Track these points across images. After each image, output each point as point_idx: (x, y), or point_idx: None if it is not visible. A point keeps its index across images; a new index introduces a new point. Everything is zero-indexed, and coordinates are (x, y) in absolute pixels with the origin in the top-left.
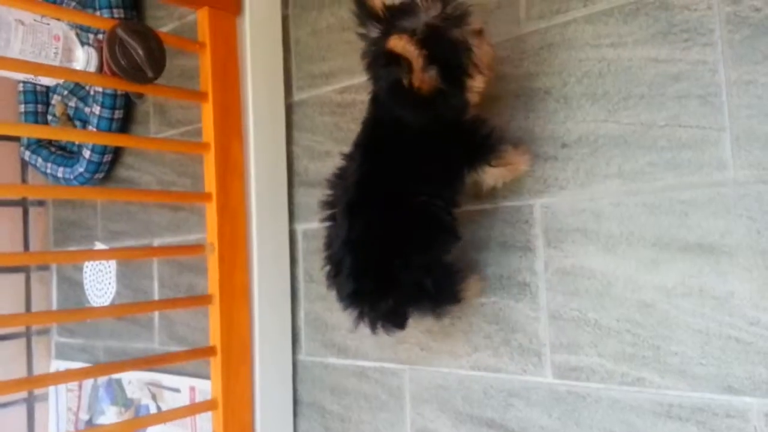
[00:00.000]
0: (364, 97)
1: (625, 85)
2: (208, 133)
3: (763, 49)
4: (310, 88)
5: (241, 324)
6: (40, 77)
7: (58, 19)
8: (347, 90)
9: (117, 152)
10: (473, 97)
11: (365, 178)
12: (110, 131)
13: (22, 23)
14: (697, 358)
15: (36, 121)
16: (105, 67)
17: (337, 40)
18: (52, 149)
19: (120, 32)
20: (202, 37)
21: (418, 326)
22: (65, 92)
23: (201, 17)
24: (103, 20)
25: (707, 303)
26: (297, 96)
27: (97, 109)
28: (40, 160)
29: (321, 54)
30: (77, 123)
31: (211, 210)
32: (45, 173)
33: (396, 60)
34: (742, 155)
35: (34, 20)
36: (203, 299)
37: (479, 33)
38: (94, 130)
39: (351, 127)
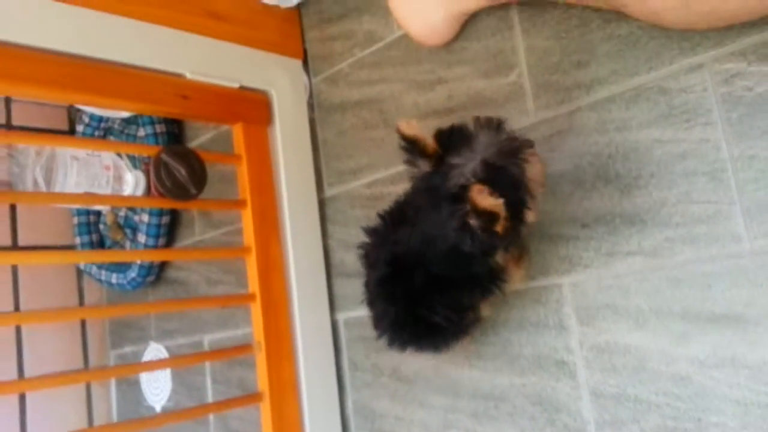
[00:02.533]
0: (390, 190)
1: (635, 165)
2: (249, 237)
3: (761, 125)
4: (340, 184)
5: (291, 419)
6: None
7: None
8: (374, 184)
9: None
10: (530, 222)
11: (389, 279)
12: (158, 237)
13: (77, 159)
14: (738, 428)
15: (89, 232)
16: (152, 189)
17: (360, 138)
18: None
19: (164, 157)
20: (238, 150)
21: (465, 410)
22: None
23: (236, 132)
24: (148, 148)
25: (741, 372)
26: (328, 192)
27: (145, 218)
28: (94, 268)
29: (347, 152)
30: (127, 230)
31: (256, 309)
32: (100, 280)
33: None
34: (754, 226)
35: (87, 155)
36: (254, 398)
37: (532, 154)
38: (144, 236)
39: None
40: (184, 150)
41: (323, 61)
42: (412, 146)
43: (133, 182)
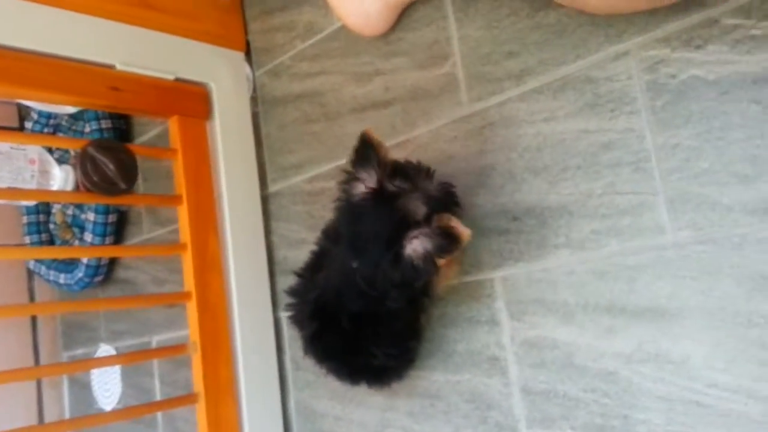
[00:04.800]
0: (330, 185)
1: (562, 156)
2: (185, 234)
3: (683, 113)
4: (282, 179)
5: (228, 420)
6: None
7: None
8: (315, 179)
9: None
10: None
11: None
12: (105, 235)
13: None
14: (663, 425)
15: (38, 231)
16: (80, 184)
17: (301, 132)
18: None
19: (90, 150)
20: (174, 144)
21: (402, 409)
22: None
23: (172, 126)
24: (75, 141)
25: (666, 368)
26: (271, 188)
27: (91, 216)
28: (43, 268)
29: (289, 147)
30: (75, 229)
31: (191, 308)
32: (48, 280)
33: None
34: (678, 217)
35: (11, 148)
36: (189, 399)
37: None
38: (90, 235)
39: (322, 214)
40: (113, 144)
41: (266, 53)
42: (371, 152)
43: (62, 177)
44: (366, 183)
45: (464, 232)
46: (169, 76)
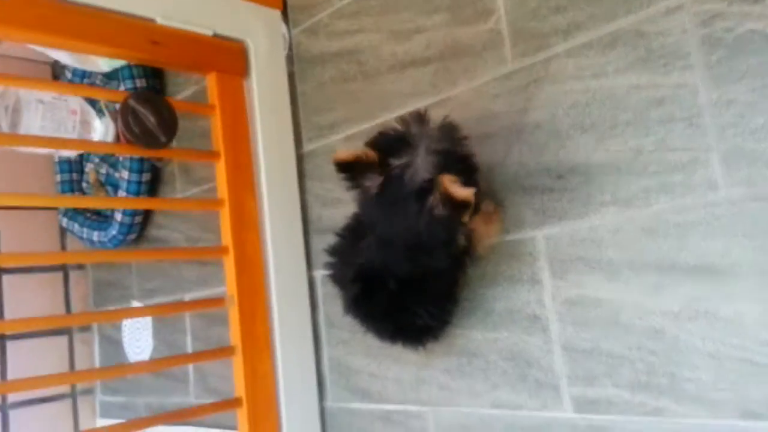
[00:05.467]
0: None
1: (611, 113)
2: (222, 190)
3: (740, 67)
4: (319, 138)
5: (265, 374)
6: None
7: None
8: (351, 138)
9: (147, 213)
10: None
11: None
12: (139, 194)
13: (42, 102)
14: (712, 383)
15: (71, 190)
16: (120, 136)
17: (339, 91)
18: (87, 215)
19: (132, 102)
20: (212, 100)
21: (438, 366)
22: (97, 160)
23: (210, 82)
24: (116, 93)
25: (716, 326)
26: (307, 147)
27: (125, 174)
28: (76, 225)
29: (326, 106)
30: (109, 188)
31: (229, 263)
32: (82, 238)
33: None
34: (732, 174)
35: (53, 98)
36: (226, 351)
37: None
38: (124, 194)
39: None
40: (153, 96)
41: (303, 11)
42: (354, 168)
43: (102, 129)
44: (372, 184)
45: (463, 194)
46: (208, 31)
